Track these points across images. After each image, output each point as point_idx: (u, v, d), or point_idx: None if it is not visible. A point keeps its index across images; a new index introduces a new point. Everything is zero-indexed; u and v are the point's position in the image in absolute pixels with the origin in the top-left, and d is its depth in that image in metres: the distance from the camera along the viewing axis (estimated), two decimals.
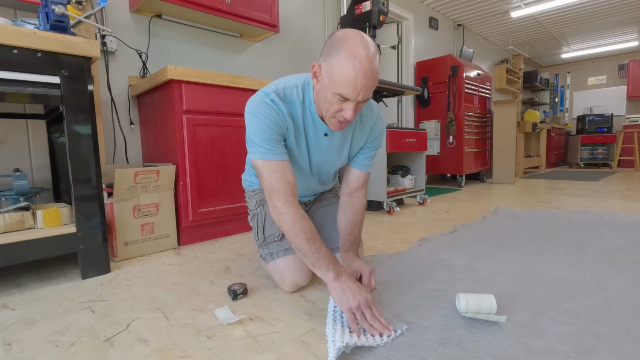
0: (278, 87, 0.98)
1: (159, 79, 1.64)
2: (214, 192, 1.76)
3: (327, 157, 1.10)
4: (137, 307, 1.03)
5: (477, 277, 1.18)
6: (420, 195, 2.75)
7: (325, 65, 0.86)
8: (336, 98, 0.86)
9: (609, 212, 2.14)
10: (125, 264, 1.45)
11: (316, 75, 0.91)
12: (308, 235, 0.90)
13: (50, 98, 1.19)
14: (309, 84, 1.00)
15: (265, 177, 0.94)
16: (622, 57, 6.91)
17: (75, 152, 1.24)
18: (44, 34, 1.13)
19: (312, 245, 0.89)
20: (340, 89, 0.84)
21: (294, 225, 0.90)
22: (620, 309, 0.92)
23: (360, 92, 0.84)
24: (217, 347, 0.81)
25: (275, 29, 2.31)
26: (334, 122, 0.93)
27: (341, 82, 0.83)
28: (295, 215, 0.91)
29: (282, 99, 0.97)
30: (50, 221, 1.25)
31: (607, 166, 6.82)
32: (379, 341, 0.79)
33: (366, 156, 1.13)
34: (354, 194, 1.13)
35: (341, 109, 0.88)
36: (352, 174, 1.14)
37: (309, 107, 1.00)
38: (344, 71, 0.82)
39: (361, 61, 0.81)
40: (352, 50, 0.81)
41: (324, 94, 0.89)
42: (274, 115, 0.95)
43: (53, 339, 0.86)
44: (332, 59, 0.84)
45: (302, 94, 0.99)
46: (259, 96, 0.97)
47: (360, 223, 1.14)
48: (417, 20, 4.16)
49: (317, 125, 1.02)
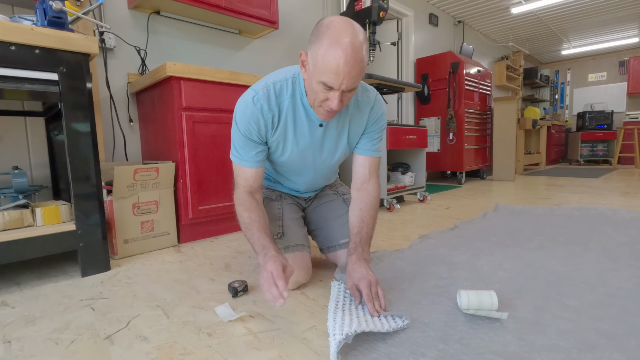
0: (268, 82, 0.97)
1: (157, 76, 1.63)
2: (214, 190, 1.75)
3: (325, 149, 1.08)
4: (137, 305, 1.03)
5: (478, 273, 1.18)
6: (421, 192, 2.74)
7: (311, 53, 0.85)
8: (321, 87, 0.85)
9: (609, 208, 2.14)
10: (125, 262, 1.44)
11: (304, 64, 0.90)
12: (246, 223, 1.02)
13: (48, 95, 1.18)
14: (299, 76, 0.99)
15: (234, 174, 1.08)
16: (623, 54, 6.89)
17: (74, 150, 1.23)
18: (41, 30, 1.12)
19: (247, 231, 1.02)
20: (323, 77, 0.82)
21: (240, 215, 1.04)
22: (622, 305, 0.92)
23: (344, 80, 0.82)
24: (218, 345, 0.80)
25: (275, 25, 2.29)
26: (322, 112, 0.93)
27: (324, 69, 0.81)
28: (242, 208, 1.03)
29: (270, 97, 0.96)
30: (49, 219, 1.25)
31: (607, 163, 6.81)
32: (379, 327, 0.78)
33: (370, 139, 1.09)
34: (364, 187, 1.08)
35: (327, 98, 0.87)
36: (358, 162, 1.10)
37: (300, 99, 0.99)
38: (326, 58, 0.80)
39: (345, 48, 0.79)
40: (336, 37, 0.79)
41: (310, 82, 0.89)
42: (251, 121, 0.96)
43: (53, 337, 0.85)
44: (317, 46, 0.82)
45: (291, 87, 0.98)
46: (245, 97, 0.97)
47: (370, 221, 1.05)
48: (417, 17, 4.14)
49: (311, 117, 1.01)
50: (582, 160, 6.78)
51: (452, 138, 3.93)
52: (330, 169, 1.19)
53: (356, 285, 0.92)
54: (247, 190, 1.05)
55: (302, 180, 1.18)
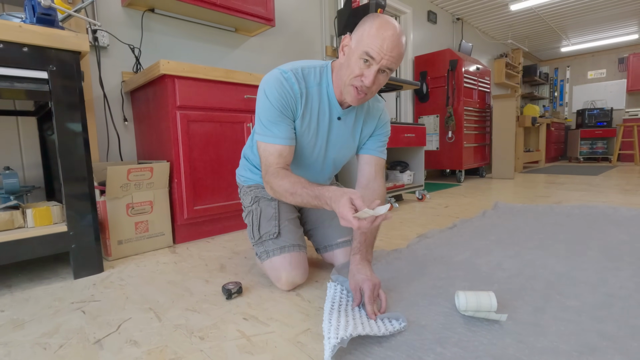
0: (296, 66, 1.01)
1: (151, 74, 1.60)
2: (210, 189, 1.73)
3: (336, 142, 1.11)
4: (129, 308, 1.00)
5: (476, 273, 1.16)
6: (419, 190, 2.72)
7: (356, 33, 0.92)
8: (361, 61, 0.89)
9: (609, 206, 2.12)
10: (119, 263, 1.42)
11: (343, 46, 0.96)
12: (289, 189, 0.93)
13: (38, 94, 1.16)
14: (327, 67, 1.04)
15: (262, 158, 1.00)
16: (622, 51, 6.87)
17: (65, 150, 1.21)
18: (30, 28, 1.10)
19: (292, 196, 0.93)
20: (368, 47, 0.87)
21: (278, 187, 0.95)
22: (623, 306, 0.90)
23: (386, 54, 0.87)
24: (210, 349, 0.78)
25: (271, 22, 2.27)
26: (351, 91, 0.95)
27: (371, 41, 0.87)
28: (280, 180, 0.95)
29: (299, 78, 0.99)
30: (40, 220, 1.23)
31: (607, 160, 6.80)
32: (376, 331, 0.76)
33: (377, 140, 1.15)
34: (369, 186, 1.10)
35: (362, 74, 0.90)
36: (364, 161, 1.14)
37: (326, 88, 1.03)
38: (374, 32, 0.87)
39: (391, 28, 0.87)
40: (386, 21, 0.88)
41: (349, 61, 0.92)
42: (284, 95, 0.97)
43: (41, 341, 0.83)
44: (365, 26, 0.90)
45: (319, 75, 1.03)
46: (273, 73, 0.99)
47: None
48: (415, 14, 4.12)
49: (333, 108, 1.04)
50: (581, 157, 6.76)
51: (451, 136, 3.90)
52: (333, 167, 1.20)
53: (360, 287, 0.91)
54: (279, 167, 0.98)
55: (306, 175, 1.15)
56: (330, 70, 1.03)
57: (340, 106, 1.04)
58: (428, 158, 4.14)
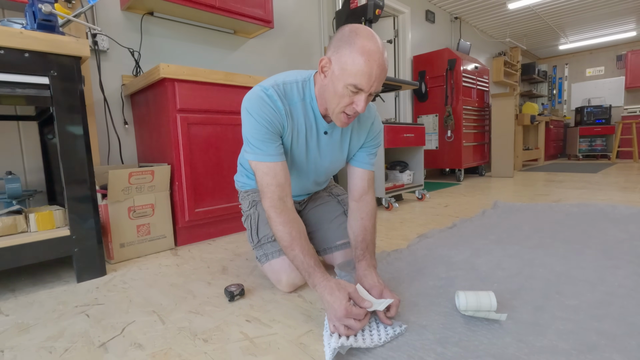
0: (277, 81, 0.97)
1: (151, 78, 1.61)
2: (211, 192, 1.74)
3: (327, 156, 1.09)
4: (132, 311, 1.01)
5: (476, 273, 1.17)
6: (419, 190, 2.73)
7: (337, 58, 0.86)
8: (348, 90, 0.86)
9: (608, 204, 2.13)
10: (121, 266, 1.43)
11: (324, 69, 0.90)
12: (286, 242, 0.91)
13: (39, 99, 1.17)
14: (309, 81, 0.99)
15: (258, 178, 0.96)
16: (620, 48, 6.88)
17: (67, 154, 1.22)
18: (31, 34, 1.11)
19: (289, 252, 0.91)
20: (354, 80, 0.84)
21: (276, 231, 0.93)
22: (622, 304, 0.91)
23: (374, 82, 0.85)
24: (214, 351, 0.79)
25: (270, 24, 2.28)
26: (342, 117, 0.92)
27: (356, 72, 0.83)
28: (277, 222, 0.93)
29: (281, 95, 0.95)
30: (43, 224, 1.24)
31: (606, 158, 6.81)
32: (376, 341, 0.77)
33: (368, 153, 1.11)
34: (363, 199, 1.09)
35: (352, 102, 0.88)
36: (355, 175, 1.11)
37: (310, 103, 0.99)
38: (358, 62, 0.82)
39: (376, 52, 0.83)
40: (366, 42, 0.83)
41: (334, 87, 0.88)
42: (269, 113, 0.93)
43: (47, 345, 0.84)
44: (345, 51, 0.84)
45: (302, 90, 0.98)
46: (255, 91, 0.95)
47: (371, 228, 1.07)
48: (413, 14, 4.12)
49: (319, 123, 1.01)
50: (580, 155, 6.78)
51: (450, 135, 3.91)
52: (326, 177, 1.20)
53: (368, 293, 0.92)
54: (277, 195, 0.93)
55: (297, 185, 1.17)
56: (312, 84, 0.98)
57: (324, 120, 1.01)
58: (427, 157, 4.15)
